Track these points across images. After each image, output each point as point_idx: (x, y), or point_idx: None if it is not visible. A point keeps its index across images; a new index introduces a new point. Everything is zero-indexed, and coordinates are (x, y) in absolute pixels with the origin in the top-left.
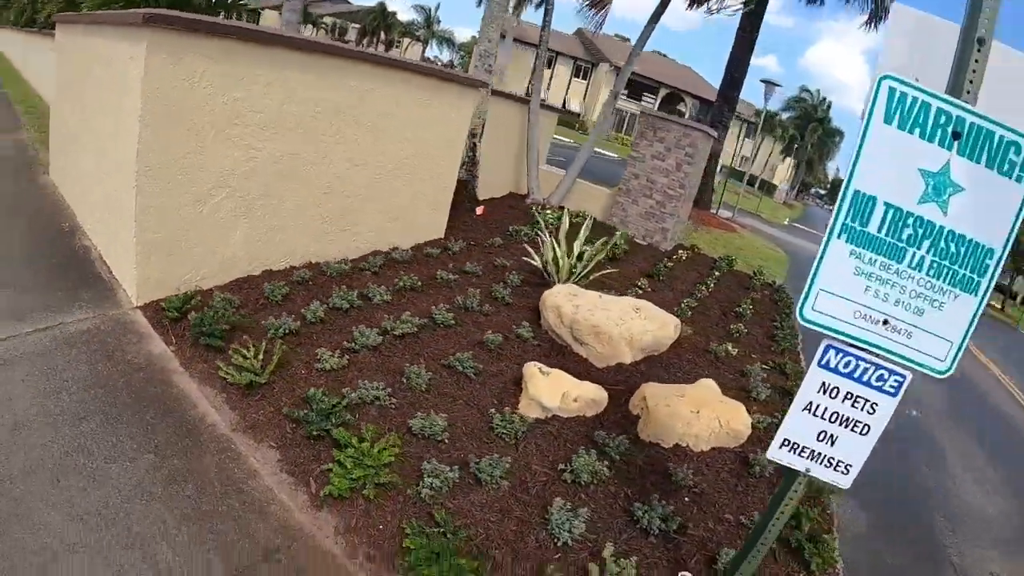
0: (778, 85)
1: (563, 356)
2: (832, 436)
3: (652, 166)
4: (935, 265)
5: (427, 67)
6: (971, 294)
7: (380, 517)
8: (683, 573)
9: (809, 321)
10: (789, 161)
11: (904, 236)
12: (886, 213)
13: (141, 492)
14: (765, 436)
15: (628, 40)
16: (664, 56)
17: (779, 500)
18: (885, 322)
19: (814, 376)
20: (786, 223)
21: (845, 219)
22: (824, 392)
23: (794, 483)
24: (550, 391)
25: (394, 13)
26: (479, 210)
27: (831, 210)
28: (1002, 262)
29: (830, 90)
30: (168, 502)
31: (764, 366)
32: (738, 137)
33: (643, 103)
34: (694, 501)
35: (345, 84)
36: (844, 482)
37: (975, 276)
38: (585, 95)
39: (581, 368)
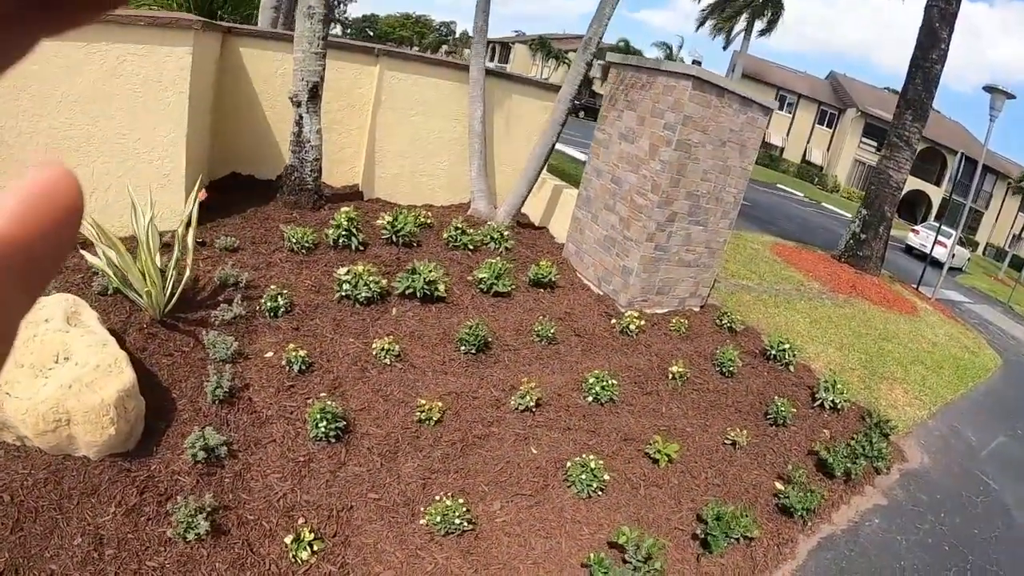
0: (1010, 96)
1: None
2: None
3: (619, 153)
4: None
5: None
6: None
7: None
8: None
9: None
10: None
11: None
12: None
13: None
14: None
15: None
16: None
17: None
18: None
19: None
20: None
21: None
22: None
23: None
24: None
25: (639, 52)
26: (201, 195)
27: None
28: None
29: None
30: None
31: None
32: (1001, 202)
33: None
34: None
35: None
36: None
37: None
38: (829, 145)
39: None
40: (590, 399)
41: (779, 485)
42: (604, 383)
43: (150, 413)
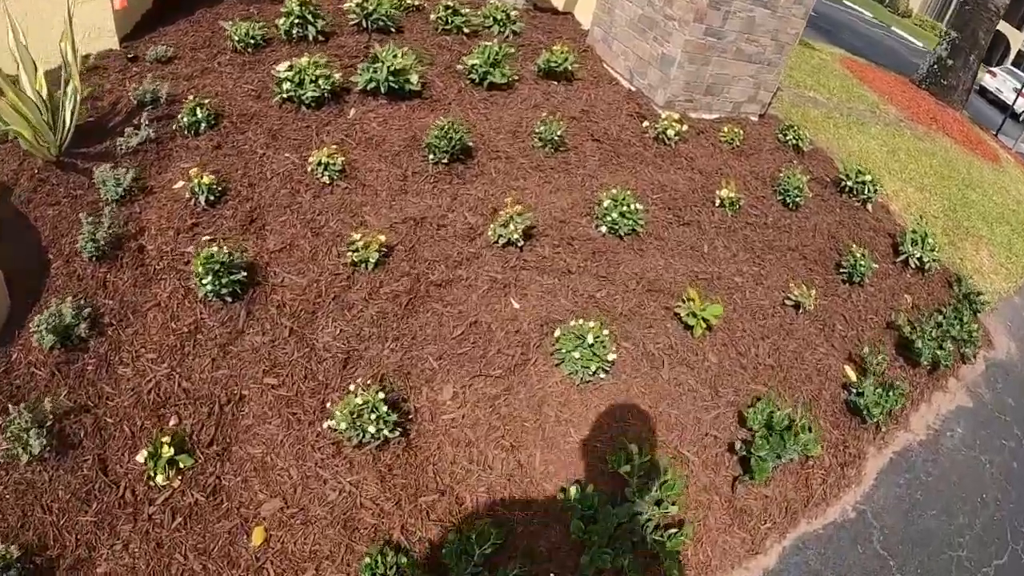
0: None
1: None
2: None
3: None
4: None
5: None
6: None
7: None
8: None
9: None
10: None
11: None
12: None
13: None
14: None
15: None
16: None
17: None
18: None
19: None
20: None
21: None
22: None
23: None
24: None
25: None
26: (118, 2)
27: None
28: None
29: None
30: None
31: None
32: None
33: None
34: None
35: None
36: None
37: None
38: None
39: None
40: (604, 229)
41: (851, 373)
42: (625, 207)
43: (21, 285)
